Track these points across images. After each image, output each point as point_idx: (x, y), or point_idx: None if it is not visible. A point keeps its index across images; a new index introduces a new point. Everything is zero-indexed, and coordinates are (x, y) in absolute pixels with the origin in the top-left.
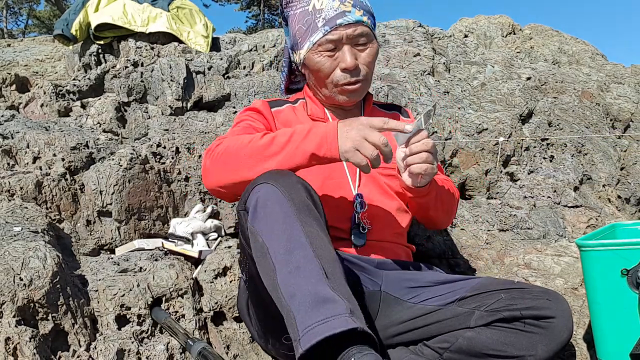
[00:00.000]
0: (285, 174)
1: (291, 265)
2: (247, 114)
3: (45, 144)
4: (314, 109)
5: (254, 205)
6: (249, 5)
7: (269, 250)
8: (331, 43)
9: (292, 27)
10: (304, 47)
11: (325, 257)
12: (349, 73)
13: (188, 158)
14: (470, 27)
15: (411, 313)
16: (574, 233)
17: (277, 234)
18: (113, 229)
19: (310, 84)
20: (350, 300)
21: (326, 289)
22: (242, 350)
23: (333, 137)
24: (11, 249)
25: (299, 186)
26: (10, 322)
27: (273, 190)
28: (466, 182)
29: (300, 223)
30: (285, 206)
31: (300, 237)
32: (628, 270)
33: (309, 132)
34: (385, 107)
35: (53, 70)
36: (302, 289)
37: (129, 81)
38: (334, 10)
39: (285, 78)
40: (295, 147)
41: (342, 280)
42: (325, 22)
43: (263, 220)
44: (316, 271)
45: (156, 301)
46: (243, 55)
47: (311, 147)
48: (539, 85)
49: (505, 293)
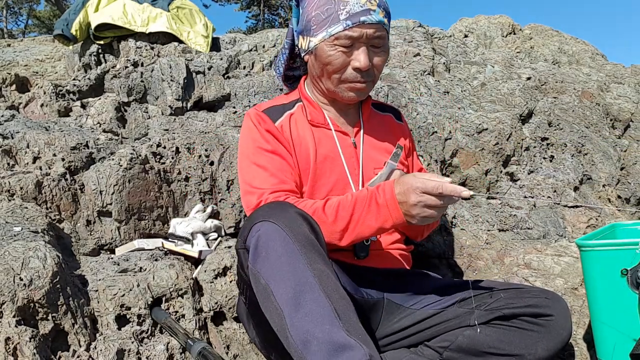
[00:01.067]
0: (283, 208)
1: (301, 309)
2: (261, 139)
3: (45, 144)
4: (314, 114)
5: (254, 244)
6: (249, 5)
7: (273, 293)
8: (349, 39)
9: (307, 11)
10: (318, 36)
11: (336, 297)
12: (360, 73)
13: (188, 158)
14: (470, 27)
15: (413, 318)
16: (574, 233)
17: (282, 276)
18: (113, 229)
19: (313, 73)
20: (367, 343)
21: (342, 334)
22: (242, 350)
23: (397, 218)
24: (11, 249)
25: (300, 219)
26: (10, 322)
27: (274, 228)
28: (466, 182)
29: (306, 261)
30: (289, 244)
31: (308, 278)
32: (628, 270)
33: (365, 225)
34: (381, 108)
35: (53, 70)
36: (317, 336)
37: (129, 81)
38: (360, 5)
39: (285, 61)
40: (356, 233)
41: (355, 319)
42: (348, 16)
43: (265, 261)
44: (328, 314)
45: (156, 301)
46: (243, 55)
47: (369, 233)
48: (539, 85)
49: (504, 292)
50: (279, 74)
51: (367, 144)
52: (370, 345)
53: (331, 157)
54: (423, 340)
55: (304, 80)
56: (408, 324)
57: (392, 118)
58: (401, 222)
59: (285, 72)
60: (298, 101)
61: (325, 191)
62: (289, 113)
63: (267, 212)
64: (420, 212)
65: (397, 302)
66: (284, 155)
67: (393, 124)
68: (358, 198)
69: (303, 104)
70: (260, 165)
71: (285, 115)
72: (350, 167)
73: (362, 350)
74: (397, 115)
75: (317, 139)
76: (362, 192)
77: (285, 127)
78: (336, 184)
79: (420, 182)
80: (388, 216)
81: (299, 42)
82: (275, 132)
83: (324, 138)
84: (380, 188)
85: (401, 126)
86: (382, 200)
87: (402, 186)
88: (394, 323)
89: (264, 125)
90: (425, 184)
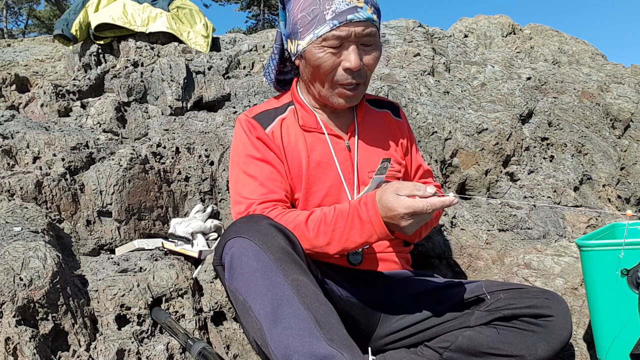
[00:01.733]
0: (256, 221)
1: (280, 323)
2: (250, 147)
3: (45, 144)
4: (306, 118)
5: (229, 261)
6: (249, 5)
7: (251, 308)
8: (337, 39)
9: (293, 13)
10: (305, 39)
11: (315, 306)
12: (351, 74)
13: (188, 158)
14: (470, 27)
15: (412, 319)
16: (574, 233)
17: (259, 290)
18: (113, 229)
19: (304, 78)
20: (350, 349)
21: (322, 345)
22: (242, 350)
23: (382, 233)
24: (11, 249)
25: (273, 231)
26: (10, 322)
27: (247, 244)
28: (466, 182)
29: (282, 274)
30: (263, 258)
31: (285, 290)
32: (628, 270)
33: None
34: (378, 104)
35: (53, 70)
36: (297, 349)
37: (129, 81)
38: (346, 4)
39: (275, 67)
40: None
41: (338, 325)
42: (334, 15)
43: (241, 277)
44: (308, 326)
45: (156, 301)
46: (243, 55)
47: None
48: (539, 85)
49: (504, 293)
50: (270, 80)
51: (362, 146)
52: (354, 351)
53: (324, 163)
54: (423, 341)
55: (296, 83)
56: (408, 324)
57: (389, 115)
58: (387, 237)
59: (276, 77)
60: (290, 104)
61: (320, 197)
62: (280, 118)
63: (239, 228)
64: (412, 226)
65: (395, 303)
66: (274, 163)
67: (391, 121)
68: (341, 212)
69: (295, 108)
70: (249, 175)
71: (277, 121)
72: (344, 171)
73: (344, 358)
74: (395, 111)
75: (309, 145)
76: (345, 206)
77: (276, 133)
78: (330, 189)
79: (406, 207)
80: (372, 232)
81: (287, 46)
82: (265, 140)
83: (317, 143)
84: (363, 202)
85: (399, 123)
86: (365, 216)
87: (388, 211)
88: (393, 323)
89: (254, 132)
90: (414, 208)
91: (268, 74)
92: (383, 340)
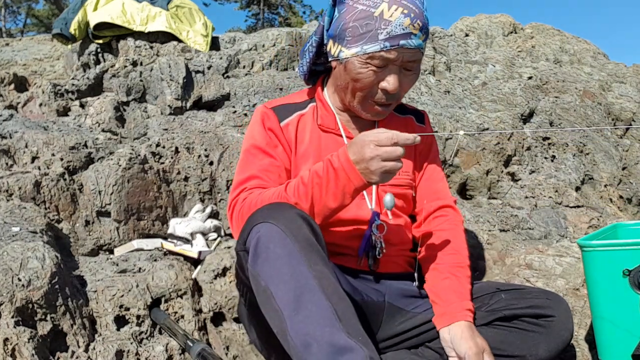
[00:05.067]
0: (284, 208)
1: (301, 312)
2: (259, 137)
3: (44, 143)
4: (325, 118)
5: (254, 246)
6: (248, 4)
7: (273, 295)
8: (384, 61)
9: (344, 18)
10: (351, 49)
11: (336, 299)
12: (387, 94)
13: (187, 158)
14: (471, 26)
15: (414, 321)
16: (576, 233)
17: (282, 278)
18: (112, 229)
19: (337, 82)
20: (367, 344)
21: (342, 336)
22: (241, 351)
23: (356, 180)
24: (10, 250)
25: (300, 220)
26: (9, 322)
27: (274, 230)
28: (467, 182)
29: (307, 263)
30: (289, 246)
31: (308, 279)
32: (630, 271)
33: (329, 195)
34: (402, 110)
35: (52, 70)
36: (317, 338)
37: (128, 80)
38: (402, 28)
39: (310, 59)
40: (322, 206)
41: (356, 320)
42: (388, 37)
43: (265, 263)
44: (329, 316)
45: (155, 302)
46: (243, 54)
47: (335, 204)
48: (541, 84)
49: (505, 293)
50: (302, 72)
51: None
52: (370, 347)
53: None
54: (424, 342)
55: (322, 79)
56: (409, 327)
57: (412, 120)
58: (362, 184)
59: (309, 69)
60: (312, 101)
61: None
62: (299, 114)
63: (267, 213)
64: (380, 167)
65: (398, 305)
66: (276, 156)
67: (414, 127)
68: (316, 169)
69: (316, 106)
70: (250, 163)
71: (295, 116)
72: None
73: (363, 352)
74: (420, 118)
75: (323, 145)
76: (319, 164)
77: (291, 127)
78: None
79: (373, 135)
80: (347, 179)
81: (328, 44)
82: (277, 131)
83: (332, 144)
84: (334, 154)
85: (422, 129)
86: (337, 163)
87: (354, 145)
88: (395, 326)
89: (267, 123)
90: (378, 137)
91: (301, 65)
92: (384, 343)
